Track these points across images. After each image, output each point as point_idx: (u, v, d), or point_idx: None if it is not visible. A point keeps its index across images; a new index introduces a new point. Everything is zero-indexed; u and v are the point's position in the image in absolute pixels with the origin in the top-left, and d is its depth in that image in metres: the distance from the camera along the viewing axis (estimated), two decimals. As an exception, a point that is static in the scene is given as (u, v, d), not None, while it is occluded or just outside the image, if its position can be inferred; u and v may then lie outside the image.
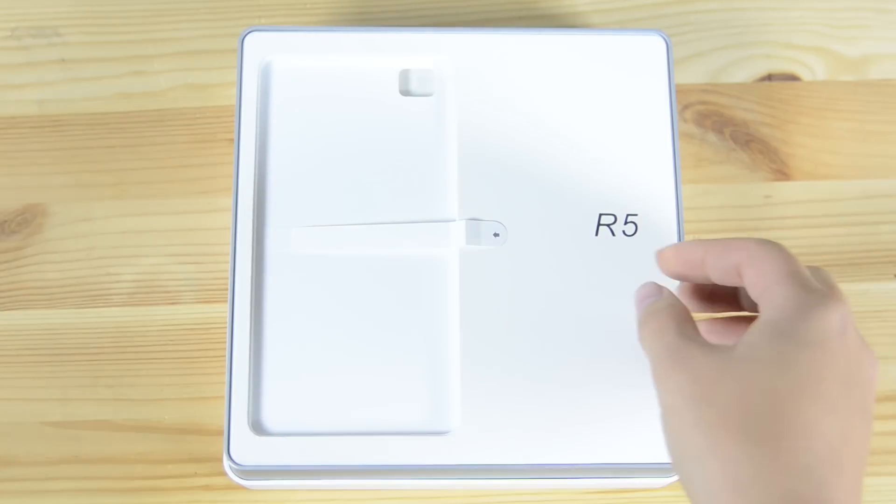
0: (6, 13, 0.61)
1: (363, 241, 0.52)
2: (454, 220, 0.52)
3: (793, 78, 0.61)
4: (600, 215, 0.53)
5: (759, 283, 0.41)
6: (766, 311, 0.40)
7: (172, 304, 0.56)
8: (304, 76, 0.55)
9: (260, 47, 0.55)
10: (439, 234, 0.52)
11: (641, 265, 0.52)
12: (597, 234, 0.53)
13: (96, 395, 0.55)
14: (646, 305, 0.45)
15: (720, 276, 0.44)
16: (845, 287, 0.57)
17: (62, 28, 0.60)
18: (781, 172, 0.59)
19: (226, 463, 0.50)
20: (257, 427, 0.49)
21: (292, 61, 0.55)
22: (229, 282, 0.51)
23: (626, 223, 0.53)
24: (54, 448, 0.54)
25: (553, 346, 0.51)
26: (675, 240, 0.53)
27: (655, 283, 0.46)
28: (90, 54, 0.60)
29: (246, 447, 0.49)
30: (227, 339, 0.50)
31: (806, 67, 0.61)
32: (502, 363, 0.51)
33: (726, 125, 0.60)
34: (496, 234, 0.52)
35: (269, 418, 0.50)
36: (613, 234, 0.53)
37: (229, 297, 0.51)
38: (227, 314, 0.51)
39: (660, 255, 0.46)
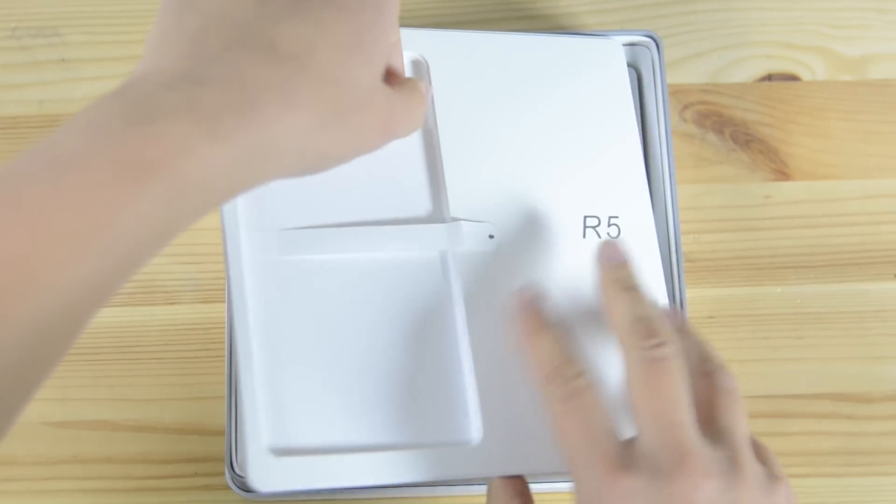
0: (6, 13, 0.61)
1: (361, 242, 0.51)
2: (448, 222, 0.51)
3: (793, 78, 0.61)
4: (585, 217, 0.53)
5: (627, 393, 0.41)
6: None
7: (172, 304, 0.56)
8: None
9: None
10: (438, 236, 0.51)
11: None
12: (584, 236, 0.52)
13: (96, 395, 0.55)
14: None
15: None
16: (845, 287, 0.58)
17: (62, 28, 0.60)
18: (781, 172, 0.59)
19: (235, 488, 0.49)
20: (276, 449, 0.46)
21: None
22: (226, 306, 0.51)
23: (609, 225, 0.53)
24: (54, 448, 0.54)
25: None
26: (655, 242, 0.52)
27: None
28: (90, 54, 0.60)
29: (265, 471, 0.45)
30: (227, 364, 0.50)
31: (806, 67, 0.61)
32: (513, 367, 0.49)
33: (726, 125, 0.60)
34: (491, 236, 0.51)
35: (286, 439, 0.46)
36: (599, 236, 0.52)
37: (226, 319, 0.51)
38: (226, 337, 0.51)
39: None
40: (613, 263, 0.45)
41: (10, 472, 0.54)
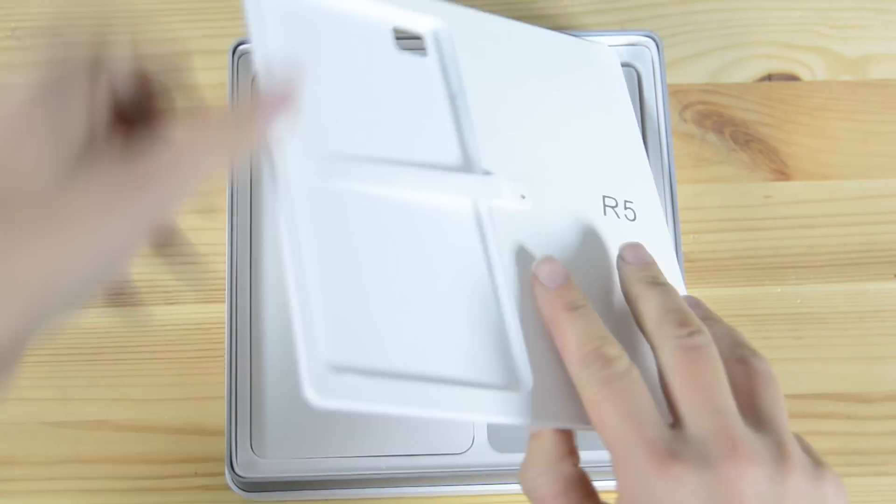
0: (6, 13, 0.61)
1: (406, 179, 0.47)
2: (485, 174, 0.49)
3: (793, 78, 0.61)
4: (604, 197, 0.52)
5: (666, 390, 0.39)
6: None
7: (172, 304, 0.56)
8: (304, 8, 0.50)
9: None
10: (477, 185, 0.48)
11: (650, 252, 0.51)
12: (605, 214, 0.52)
13: (96, 395, 0.55)
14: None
15: None
16: (845, 287, 0.58)
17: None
18: (781, 172, 0.59)
19: (235, 488, 0.50)
20: (334, 365, 0.41)
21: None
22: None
23: (625, 208, 0.52)
24: (54, 448, 0.54)
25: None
26: (668, 231, 0.52)
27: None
28: (90, 54, 0.60)
29: (324, 385, 0.41)
30: (227, 364, 0.50)
31: (806, 67, 0.61)
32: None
33: (726, 125, 0.60)
34: (523, 196, 0.50)
35: (344, 356, 0.42)
36: (618, 217, 0.52)
37: (227, 318, 0.51)
38: (226, 337, 0.50)
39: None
40: (639, 263, 0.44)
41: (10, 472, 0.54)
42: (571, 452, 0.41)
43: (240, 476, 0.50)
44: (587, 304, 0.42)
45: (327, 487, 0.51)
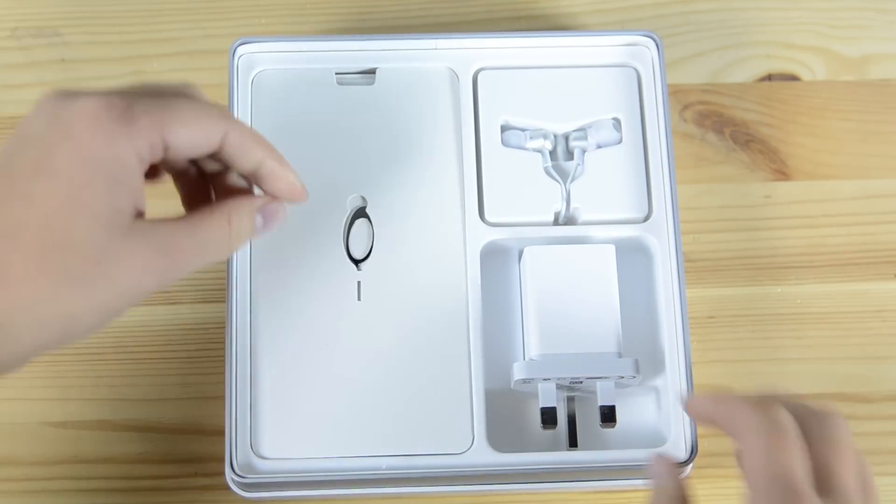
0: (6, 13, 0.61)
1: None
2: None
3: (793, 78, 0.61)
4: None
5: (745, 476, 0.38)
6: None
7: (172, 304, 0.56)
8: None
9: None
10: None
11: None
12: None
13: (96, 395, 0.55)
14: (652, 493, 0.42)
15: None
16: (845, 287, 0.58)
17: (62, 28, 0.60)
18: (781, 172, 0.59)
19: (235, 488, 0.50)
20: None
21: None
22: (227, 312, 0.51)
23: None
24: (54, 448, 0.54)
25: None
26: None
27: (665, 465, 0.42)
28: (90, 54, 0.60)
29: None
30: (227, 364, 0.51)
31: (806, 67, 0.61)
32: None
33: (726, 125, 0.60)
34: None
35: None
36: None
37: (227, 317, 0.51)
38: (226, 337, 0.51)
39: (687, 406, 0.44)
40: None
41: (10, 472, 0.54)
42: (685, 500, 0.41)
43: (240, 476, 0.50)
44: None
45: (327, 487, 0.51)
